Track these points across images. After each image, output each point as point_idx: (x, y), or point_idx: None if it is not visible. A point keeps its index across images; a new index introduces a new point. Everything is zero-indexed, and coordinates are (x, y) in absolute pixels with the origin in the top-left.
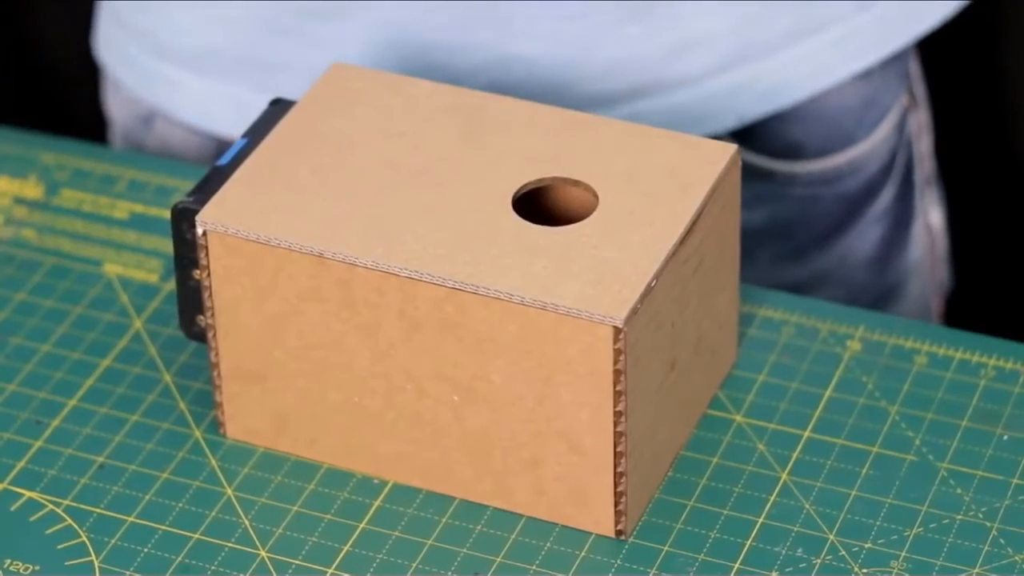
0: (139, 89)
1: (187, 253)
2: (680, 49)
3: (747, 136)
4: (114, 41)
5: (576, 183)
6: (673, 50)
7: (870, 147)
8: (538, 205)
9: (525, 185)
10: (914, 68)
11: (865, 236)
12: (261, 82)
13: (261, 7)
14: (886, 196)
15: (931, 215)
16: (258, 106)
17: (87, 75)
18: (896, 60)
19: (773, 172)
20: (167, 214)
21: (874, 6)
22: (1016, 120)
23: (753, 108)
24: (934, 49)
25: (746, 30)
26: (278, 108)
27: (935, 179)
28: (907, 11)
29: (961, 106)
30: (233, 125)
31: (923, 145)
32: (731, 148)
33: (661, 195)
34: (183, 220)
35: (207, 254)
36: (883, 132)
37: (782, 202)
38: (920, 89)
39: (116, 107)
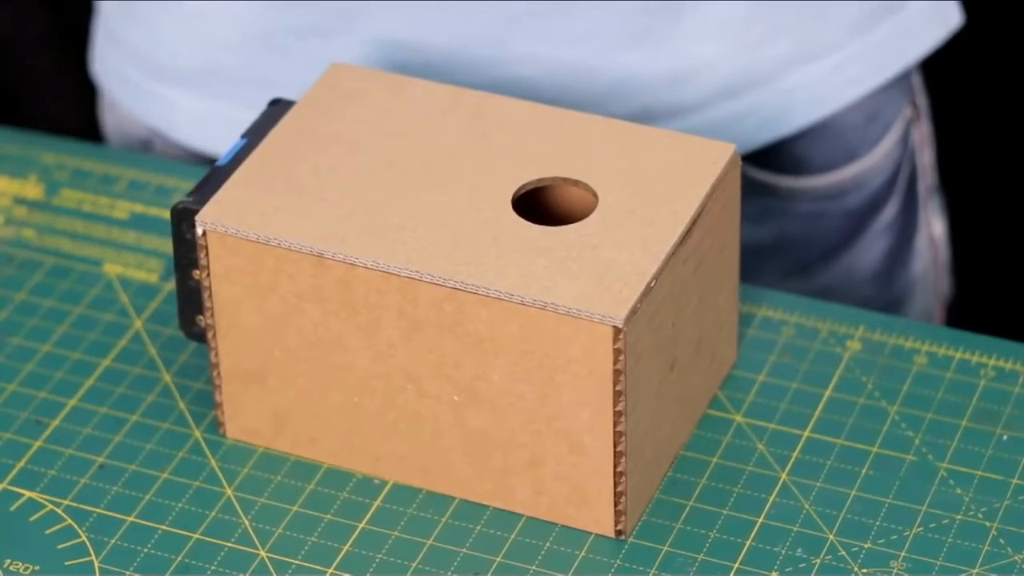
0: (136, 109)
1: (187, 253)
2: (680, 75)
3: (751, 152)
4: (110, 60)
5: (576, 183)
6: (673, 76)
7: (874, 161)
8: (538, 205)
9: (525, 185)
10: (916, 80)
11: (870, 250)
12: (256, 101)
13: (251, 26)
14: (890, 209)
15: (934, 226)
16: None
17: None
18: (899, 75)
19: (777, 188)
20: (167, 214)
21: (872, 32)
22: (1018, 126)
23: (754, 136)
24: (935, 60)
25: (745, 57)
26: (278, 108)
27: (937, 189)
28: (905, 36)
29: (963, 115)
30: (229, 145)
31: (925, 156)
32: (730, 148)
33: (661, 195)
34: (183, 220)
35: (207, 254)
36: (887, 146)
37: (787, 218)
38: (922, 100)
39: (113, 130)
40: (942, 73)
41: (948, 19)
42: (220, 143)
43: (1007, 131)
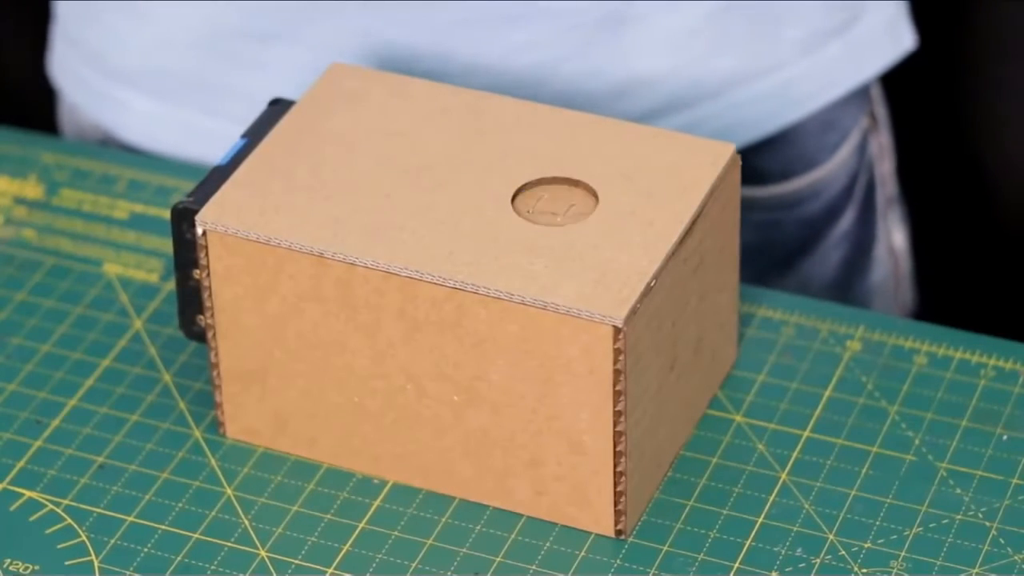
0: (90, 110)
1: (187, 253)
2: (624, 88)
3: None
4: (67, 62)
5: (576, 183)
6: (617, 89)
7: (830, 170)
8: None
9: (525, 185)
10: (875, 90)
11: (826, 260)
12: (206, 105)
13: (202, 29)
14: (847, 219)
15: (894, 236)
16: (204, 129)
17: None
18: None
19: None
20: (167, 214)
21: (821, 51)
22: (984, 131)
23: None
24: (896, 69)
25: (690, 72)
26: (277, 108)
27: (898, 199)
28: (855, 56)
29: (925, 124)
30: (178, 148)
31: (885, 166)
32: (730, 148)
33: (661, 195)
34: (183, 220)
35: (207, 254)
36: (843, 155)
37: (742, 227)
38: (881, 110)
39: (70, 132)
40: (904, 81)
41: (901, 40)
42: (168, 146)
43: (973, 137)
